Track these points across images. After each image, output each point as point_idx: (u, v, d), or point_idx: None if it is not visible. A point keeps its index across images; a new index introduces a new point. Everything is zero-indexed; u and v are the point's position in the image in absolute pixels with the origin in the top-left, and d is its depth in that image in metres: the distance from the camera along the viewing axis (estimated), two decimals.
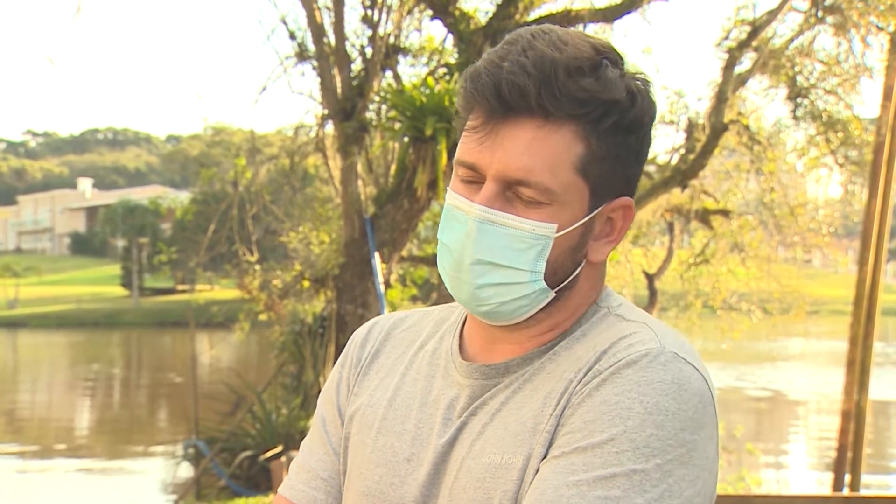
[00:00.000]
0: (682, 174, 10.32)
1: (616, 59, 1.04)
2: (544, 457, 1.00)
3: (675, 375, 0.99)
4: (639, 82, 1.05)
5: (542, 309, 1.08)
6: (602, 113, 1.02)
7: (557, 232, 1.04)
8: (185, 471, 10.33)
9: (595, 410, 0.98)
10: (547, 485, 0.96)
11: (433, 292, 10.22)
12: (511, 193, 1.04)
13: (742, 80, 10.55)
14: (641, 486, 0.93)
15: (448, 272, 1.08)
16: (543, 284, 1.06)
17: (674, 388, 0.98)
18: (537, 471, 0.99)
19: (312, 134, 10.51)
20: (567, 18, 8.47)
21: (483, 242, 1.04)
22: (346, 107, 8.51)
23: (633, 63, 1.07)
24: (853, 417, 5.58)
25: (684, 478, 0.95)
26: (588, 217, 1.06)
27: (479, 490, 1.03)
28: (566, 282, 1.08)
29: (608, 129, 1.03)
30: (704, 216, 12.12)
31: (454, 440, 1.08)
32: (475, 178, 1.06)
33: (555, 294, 1.08)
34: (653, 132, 1.11)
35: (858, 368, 5.54)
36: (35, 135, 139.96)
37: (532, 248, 1.04)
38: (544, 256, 1.05)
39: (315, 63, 9.07)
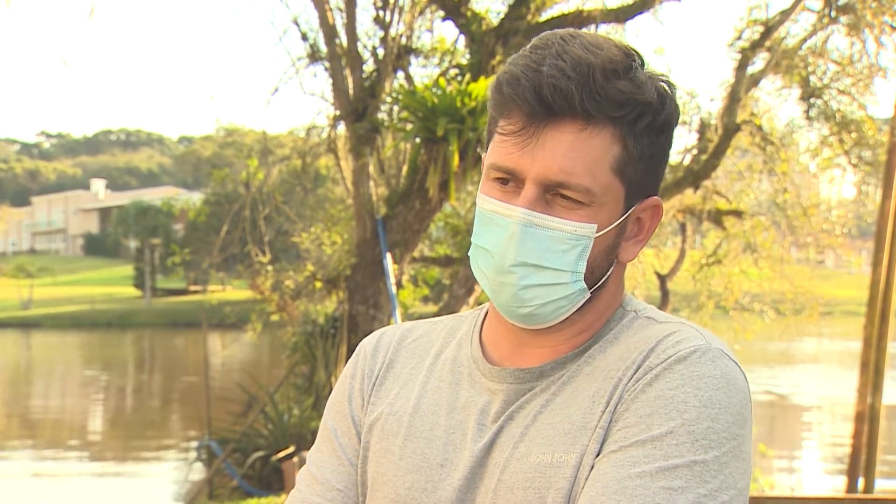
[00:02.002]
0: (695, 175, 10.29)
1: (642, 62, 1.06)
2: (598, 454, 1.00)
3: (723, 371, 1.01)
4: (664, 84, 1.07)
5: (576, 311, 1.09)
6: (638, 114, 1.04)
7: (597, 232, 1.06)
8: (198, 471, 10.36)
9: (651, 405, 0.99)
10: (608, 478, 0.96)
11: (444, 293, 10.22)
12: (550, 196, 1.05)
13: (755, 81, 10.51)
14: (702, 476, 0.95)
15: (489, 276, 1.08)
16: (583, 285, 1.07)
17: (723, 384, 1.00)
18: (591, 468, 1.00)
19: (324, 135, 10.53)
20: (579, 19, 8.46)
21: (526, 245, 1.05)
22: (357, 108, 8.53)
23: (652, 65, 1.10)
24: (867, 419, 5.55)
25: (737, 470, 0.98)
26: (624, 217, 1.08)
27: (528, 490, 1.02)
28: (601, 282, 1.10)
29: (643, 130, 1.05)
30: (717, 217, 12.09)
31: (492, 444, 1.07)
32: (511, 182, 1.06)
33: (590, 295, 1.09)
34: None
35: (872, 370, 5.51)
36: (48, 136, 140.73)
37: (574, 249, 1.05)
38: (585, 257, 1.06)
39: (327, 64, 9.08)
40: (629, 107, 1.03)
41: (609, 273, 1.10)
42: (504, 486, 1.04)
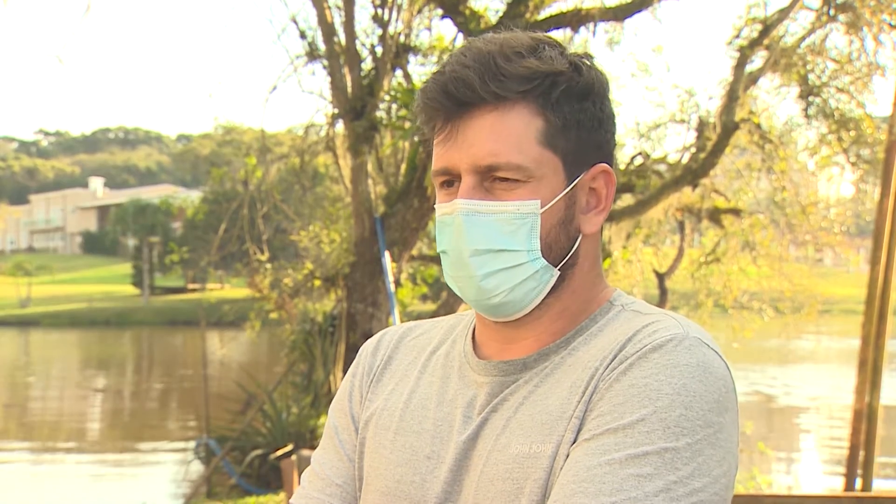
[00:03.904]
0: (693, 173, 10.28)
1: (554, 44, 1.09)
2: (574, 443, 1.01)
3: (700, 359, 1.00)
4: (582, 57, 1.10)
5: (550, 293, 1.10)
6: (549, 85, 1.06)
7: (542, 207, 1.07)
8: (196, 469, 10.36)
9: (624, 393, 0.99)
10: (579, 466, 0.97)
11: (443, 291, 10.22)
12: (489, 183, 1.07)
13: (753, 79, 10.50)
14: (673, 463, 0.95)
15: (451, 274, 1.11)
16: (544, 262, 1.08)
17: (699, 371, 0.99)
18: (567, 457, 1.00)
19: (323, 133, 10.52)
20: (577, 17, 8.45)
21: (474, 233, 1.07)
22: (356, 106, 8.52)
23: (572, 49, 1.12)
24: (865, 417, 5.55)
25: (712, 457, 0.97)
26: (569, 188, 1.09)
27: (507, 481, 1.03)
28: (567, 258, 1.10)
29: (560, 99, 1.07)
30: (715, 215, 12.09)
31: (476, 436, 1.09)
32: (453, 182, 1.09)
33: (559, 272, 1.10)
34: (611, 103, 1.13)
35: (870, 368, 5.51)
36: (47, 134, 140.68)
37: (522, 228, 1.07)
38: (536, 233, 1.07)
39: (325, 62, 9.08)
40: (537, 79, 1.06)
41: (575, 248, 1.10)
42: (486, 477, 1.05)
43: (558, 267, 1.09)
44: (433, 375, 1.18)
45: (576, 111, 1.08)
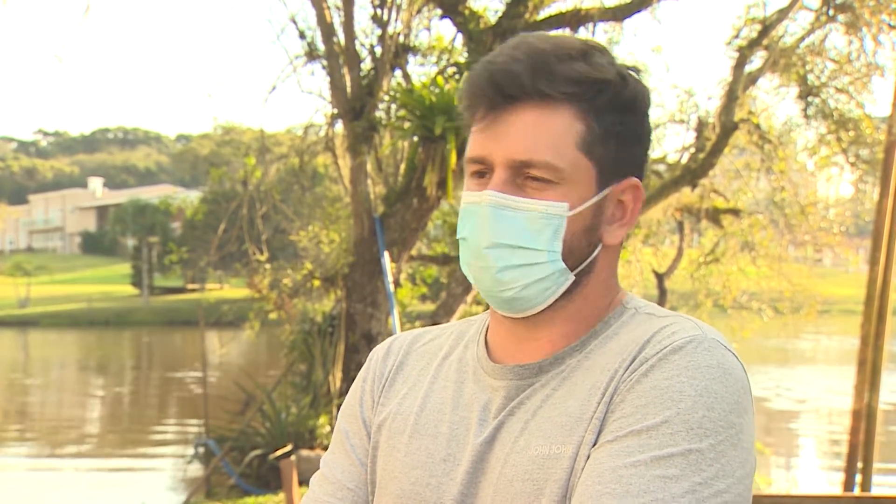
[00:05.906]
0: (693, 173, 10.29)
1: (604, 51, 1.09)
2: (595, 444, 1.01)
3: (719, 361, 1.01)
4: (629, 69, 1.10)
5: (563, 295, 1.10)
6: (596, 92, 1.06)
7: (570, 211, 1.07)
8: (196, 469, 10.36)
9: (646, 395, 0.99)
10: (604, 468, 0.97)
11: (442, 291, 10.22)
12: (521, 180, 1.07)
13: (753, 79, 10.51)
14: (698, 465, 0.95)
15: (469, 262, 1.10)
16: (562, 265, 1.08)
17: (720, 373, 1.00)
18: (588, 458, 1.00)
19: (322, 133, 10.52)
20: (577, 17, 8.45)
21: (498, 226, 1.06)
22: (355, 106, 8.52)
23: (622, 57, 1.13)
24: (864, 417, 5.55)
25: (735, 459, 0.97)
26: (599, 196, 1.09)
27: (527, 482, 1.03)
28: (584, 265, 1.10)
29: (604, 107, 1.07)
30: (715, 215, 12.10)
31: (493, 439, 1.08)
32: (485, 173, 1.09)
33: (574, 278, 1.09)
34: (650, 119, 1.14)
35: (869, 368, 5.52)
36: (46, 134, 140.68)
37: (547, 228, 1.06)
38: (560, 236, 1.07)
39: (325, 62, 9.08)
40: (585, 84, 1.05)
41: (594, 256, 1.11)
42: (504, 479, 1.05)
43: (574, 272, 1.09)
44: (447, 380, 1.18)
45: (617, 122, 1.08)
